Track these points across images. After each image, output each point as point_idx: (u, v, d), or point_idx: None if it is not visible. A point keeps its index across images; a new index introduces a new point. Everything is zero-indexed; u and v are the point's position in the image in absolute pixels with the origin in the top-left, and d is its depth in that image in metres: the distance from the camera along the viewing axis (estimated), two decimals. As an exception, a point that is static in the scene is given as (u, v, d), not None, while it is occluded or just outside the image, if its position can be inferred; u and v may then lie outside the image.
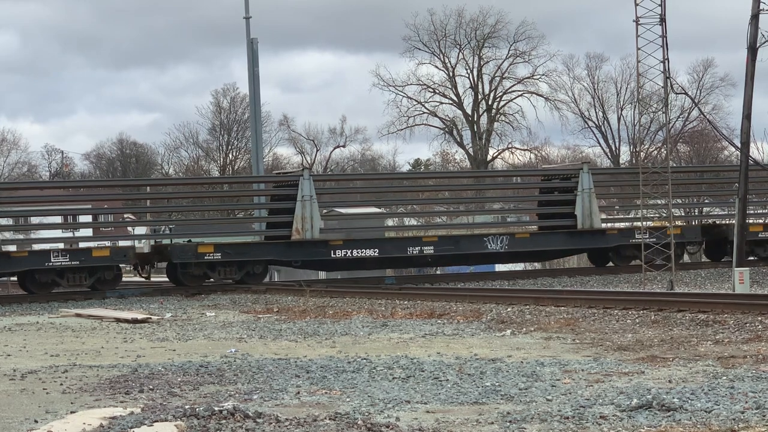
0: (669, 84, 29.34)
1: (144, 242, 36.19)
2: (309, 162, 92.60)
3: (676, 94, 34.63)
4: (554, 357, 13.77)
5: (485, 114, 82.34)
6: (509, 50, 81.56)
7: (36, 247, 32.48)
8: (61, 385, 12.25)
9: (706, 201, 44.31)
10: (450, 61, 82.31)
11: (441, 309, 22.05)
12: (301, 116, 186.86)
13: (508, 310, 20.93)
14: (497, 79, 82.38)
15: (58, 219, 37.68)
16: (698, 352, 13.77)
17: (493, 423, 9.20)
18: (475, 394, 10.73)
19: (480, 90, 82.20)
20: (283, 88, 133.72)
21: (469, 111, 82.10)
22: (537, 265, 43.28)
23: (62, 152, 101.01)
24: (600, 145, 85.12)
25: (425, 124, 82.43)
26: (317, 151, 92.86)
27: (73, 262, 29.59)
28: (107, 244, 34.56)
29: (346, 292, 27.36)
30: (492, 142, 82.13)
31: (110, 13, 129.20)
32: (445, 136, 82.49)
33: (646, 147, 60.58)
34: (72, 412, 9.97)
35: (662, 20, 28.27)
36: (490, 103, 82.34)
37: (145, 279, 32.34)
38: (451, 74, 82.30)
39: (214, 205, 52.02)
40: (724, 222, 39.34)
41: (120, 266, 31.13)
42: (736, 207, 30.63)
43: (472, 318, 20.13)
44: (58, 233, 46.32)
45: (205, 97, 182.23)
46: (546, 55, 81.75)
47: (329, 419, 9.30)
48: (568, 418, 9.20)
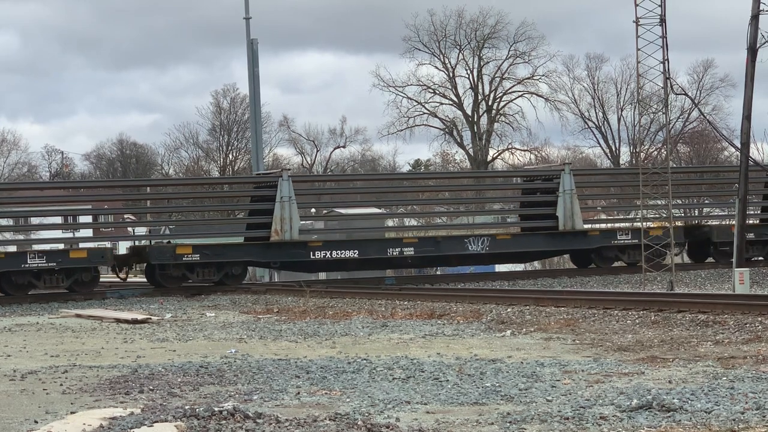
0: (669, 84, 29.34)
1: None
2: (309, 162, 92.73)
3: (676, 94, 34.66)
4: (554, 357, 13.77)
5: (485, 114, 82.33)
6: (509, 51, 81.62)
7: (11, 249, 32.19)
8: (61, 385, 12.25)
9: (706, 201, 44.35)
10: (450, 62, 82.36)
11: (441, 309, 22.05)
12: (301, 117, 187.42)
13: (508, 310, 20.93)
14: (497, 79, 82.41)
15: (58, 219, 37.63)
16: (698, 353, 13.78)
17: (493, 423, 9.20)
18: (475, 395, 10.73)
19: (480, 90, 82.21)
20: (283, 89, 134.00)
21: (469, 111, 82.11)
22: (537, 266, 43.25)
23: (62, 153, 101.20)
24: (600, 146, 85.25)
25: (425, 125, 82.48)
26: (317, 151, 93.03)
27: (49, 264, 29.25)
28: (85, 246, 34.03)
29: (346, 293, 27.36)
30: (492, 143, 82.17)
31: (110, 13, 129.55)
32: (446, 137, 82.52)
33: (646, 148, 60.62)
34: (72, 413, 9.97)
35: (662, 21, 28.27)
36: (490, 103, 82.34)
37: (122, 280, 32.14)
38: (451, 75, 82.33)
39: (195, 207, 51.15)
40: (707, 223, 39.29)
41: (98, 268, 30.69)
42: (736, 207, 30.62)
43: (472, 318, 20.13)
44: (58, 233, 46.34)
45: (205, 98, 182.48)
46: (546, 55, 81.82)
47: (329, 420, 9.30)
48: (568, 418, 9.20)
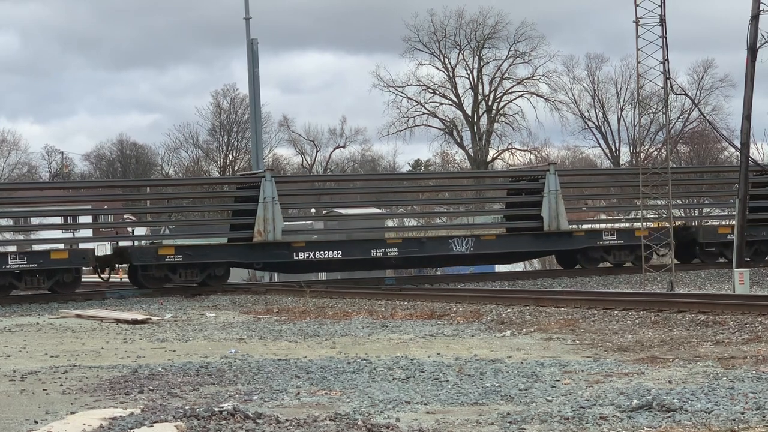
0: (669, 85, 29.34)
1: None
2: (309, 163, 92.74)
3: (676, 94, 34.68)
4: (554, 358, 13.77)
5: (485, 115, 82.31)
6: (509, 51, 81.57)
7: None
8: (61, 385, 12.26)
9: (706, 201, 44.34)
10: (450, 62, 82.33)
11: (441, 310, 22.05)
12: (301, 117, 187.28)
13: (508, 310, 20.92)
14: (497, 79, 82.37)
15: (58, 219, 37.59)
16: (698, 353, 13.77)
17: (493, 424, 9.20)
18: (475, 395, 10.73)
19: (480, 91, 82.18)
20: (283, 89, 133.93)
21: (469, 112, 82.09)
22: (537, 266, 43.27)
23: (62, 153, 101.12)
24: (600, 146, 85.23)
25: (425, 125, 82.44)
26: (317, 151, 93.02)
27: (30, 265, 29.04)
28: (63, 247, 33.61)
29: (346, 293, 27.37)
30: (492, 143, 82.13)
31: (110, 14, 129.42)
32: (445, 137, 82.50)
33: (646, 148, 60.61)
34: (72, 413, 9.97)
35: (662, 21, 28.27)
36: (490, 103, 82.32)
37: (104, 281, 31.96)
38: (451, 75, 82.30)
39: (177, 207, 50.52)
40: (693, 224, 39.22)
41: (79, 269, 30.39)
42: (736, 208, 30.62)
43: (472, 319, 20.13)
44: (57, 234, 46.25)
45: (205, 98, 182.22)
46: (546, 55, 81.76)
47: (329, 420, 9.30)
48: (568, 418, 9.20)
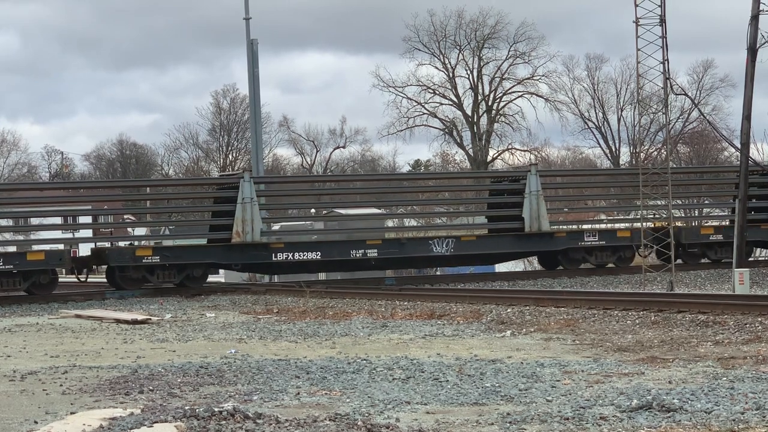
0: (669, 85, 29.36)
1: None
2: (309, 163, 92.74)
3: (676, 94, 34.73)
4: (554, 358, 13.77)
5: (485, 115, 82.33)
6: (509, 51, 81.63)
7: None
8: (61, 386, 12.25)
9: (706, 201, 44.34)
10: (450, 62, 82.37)
11: (441, 310, 22.05)
12: (301, 117, 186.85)
13: (508, 310, 20.92)
14: (497, 79, 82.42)
15: (58, 220, 37.53)
16: (698, 353, 13.77)
17: (493, 424, 9.20)
18: (475, 395, 10.73)
19: (480, 91, 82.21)
20: (283, 89, 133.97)
21: (469, 112, 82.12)
22: (537, 265, 43.20)
23: (62, 153, 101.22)
24: (600, 146, 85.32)
25: (425, 125, 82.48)
26: (317, 152, 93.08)
27: (6, 266, 28.82)
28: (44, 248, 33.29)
29: (346, 293, 27.36)
30: (492, 143, 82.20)
31: (110, 14, 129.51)
32: (445, 137, 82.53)
33: (646, 148, 60.62)
34: (72, 413, 9.97)
35: (662, 21, 28.28)
36: (490, 104, 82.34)
37: (83, 282, 31.80)
38: (451, 75, 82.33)
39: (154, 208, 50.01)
40: (675, 225, 39.11)
41: (56, 270, 30.21)
42: (736, 208, 30.63)
43: (472, 319, 20.12)
44: (57, 234, 46.23)
45: (205, 98, 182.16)
46: (546, 55, 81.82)
47: (329, 420, 9.29)
48: (568, 418, 9.20)
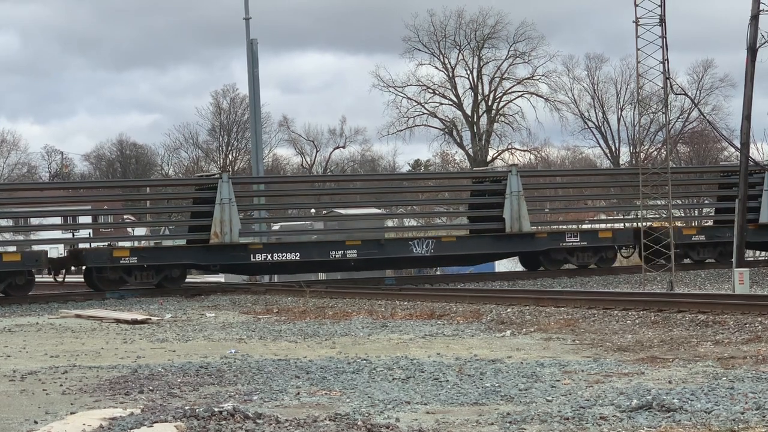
0: (669, 85, 29.35)
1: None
2: (309, 163, 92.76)
3: (676, 94, 34.72)
4: (554, 358, 13.77)
5: (485, 115, 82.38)
6: (509, 51, 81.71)
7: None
8: (61, 386, 12.25)
9: (706, 201, 44.33)
10: (450, 62, 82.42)
11: (441, 310, 22.04)
12: (300, 117, 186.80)
13: (508, 310, 20.92)
14: (497, 79, 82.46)
15: (58, 220, 37.51)
16: (698, 353, 13.77)
17: (493, 424, 9.20)
18: (475, 395, 10.72)
19: (480, 91, 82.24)
20: (283, 89, 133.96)
21: (468, 112, 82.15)
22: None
23: (62, 153, 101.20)
24: (600, 146, 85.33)
25: (425, 125, 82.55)
26: (317, 152, 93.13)
27: None
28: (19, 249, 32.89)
29: (346, 293, 27.36)
30: (492, 143, 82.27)
31: (110, 14, 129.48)
32: (445, 137, 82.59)
33: (645, 148, 60.67)
34: (72, 413, 9.97)
35: (662, 21, 28.28)
36: (489, 103, 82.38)
37: (59, 283, 31.60)
38: (450, 75, 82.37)
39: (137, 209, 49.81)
40: (657, 225, 39.07)
41: (32, 271, 30.11)
42: (736, 208, 30.63)
43: (471, 319, 20.12)
44: (57, 234, 46.23)
45: (205, 98, 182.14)
46: (546, 55, 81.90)
47: (329, 420, 9.29)
48: (568, 418, 9.20)
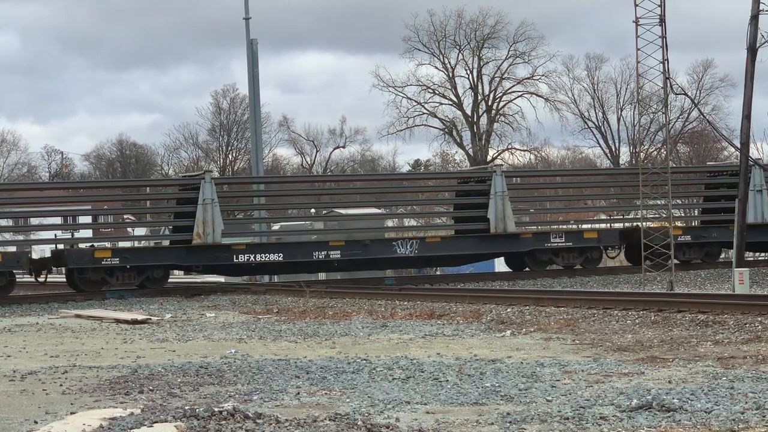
0: (669, 84, 29.36)
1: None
2: (309, 163, 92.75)
3: (676, 94, 34.71)
4: (554, 357, 13.77)
5: (485, 115, 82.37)
6: (509, 51, 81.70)
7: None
8: (61, 386, 12.25)
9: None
10: (450, 62, 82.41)
11: (441, 309, 22.04)
12: (300, 117, 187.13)
13: (508, 310, 20.92)
14: (497, 79, 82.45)
15: (58, 220, 37.48)
16: (698, 353, 13.77)
17: (493, 424, 9.20)
18: (475, 395, 10.72)
19: (480, 91, 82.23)
20: (283, 89, 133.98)
21: (468, 112, 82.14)
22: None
23: (62, 153, 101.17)
24: (600, 146, 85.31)
25: (425, 125, 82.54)
26: (317, 151, 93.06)
27: None
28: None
29: (346, 293, 27.36)
30: (492, 143, 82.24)
31: (110, 14, 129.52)
32: (445, 137, 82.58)
33: (645, 147, 60.69)
34: (72, 413, 9.96)
35: (662, 21, 28.28)
36: (489, 103, 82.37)
37: (41, 284, 31.57)
38: (450, 75, 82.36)
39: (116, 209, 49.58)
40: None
41: (14, 272, 29.98)
42: (736, 208, 30.62)
43: (471, 318, 20.13)
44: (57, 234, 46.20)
45: (205, 98, 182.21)
46: (546, 55, 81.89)
47: (329, 420, 9.29)
48: (568, 418, 9.20)
